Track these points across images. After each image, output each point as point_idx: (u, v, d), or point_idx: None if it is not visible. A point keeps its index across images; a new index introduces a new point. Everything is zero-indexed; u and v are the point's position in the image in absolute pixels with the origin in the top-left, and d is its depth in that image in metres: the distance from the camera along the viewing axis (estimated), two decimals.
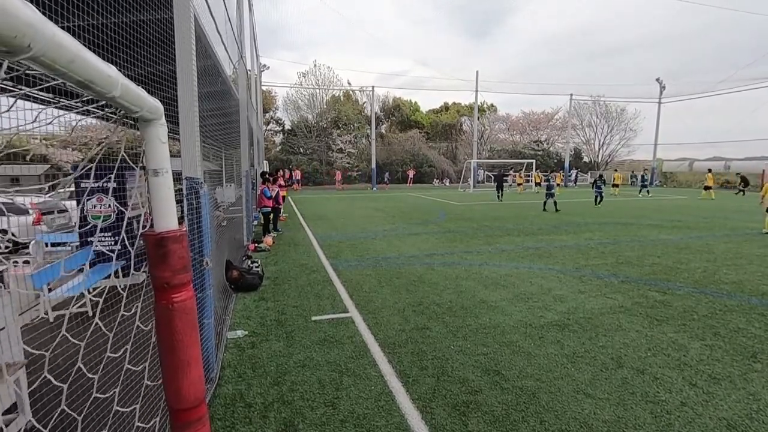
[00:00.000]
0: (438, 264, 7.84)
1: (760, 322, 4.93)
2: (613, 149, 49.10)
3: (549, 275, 7.00)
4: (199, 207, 3.43)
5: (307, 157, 41.37)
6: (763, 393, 3.40)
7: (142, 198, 5.91)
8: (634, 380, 3.60)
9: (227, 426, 3.01)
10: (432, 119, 48.61)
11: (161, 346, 1.71)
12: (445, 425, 3.01)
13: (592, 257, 8.35)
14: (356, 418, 3.09)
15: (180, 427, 1.74)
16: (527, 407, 3.21)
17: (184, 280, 1.74)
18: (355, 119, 43.18)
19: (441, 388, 3.49)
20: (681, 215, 15.73)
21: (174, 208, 1.73)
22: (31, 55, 0.75)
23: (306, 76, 43.35)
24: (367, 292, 6.11)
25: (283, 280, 6.81)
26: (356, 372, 3.78)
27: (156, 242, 1.66)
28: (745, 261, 8.00)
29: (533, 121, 48.64)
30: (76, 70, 0.93)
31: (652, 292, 6.08)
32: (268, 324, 4.94)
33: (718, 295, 5.95)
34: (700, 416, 3.09)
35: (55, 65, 0.85)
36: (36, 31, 0.74)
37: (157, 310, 1.71)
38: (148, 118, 1.56)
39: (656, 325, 4.81)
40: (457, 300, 5.75)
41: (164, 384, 1.73)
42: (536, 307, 5.43)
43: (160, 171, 1.65)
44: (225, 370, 3.82)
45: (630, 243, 9.90)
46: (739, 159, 39.06)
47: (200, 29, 3.88)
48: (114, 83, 1.14)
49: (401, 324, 4.89)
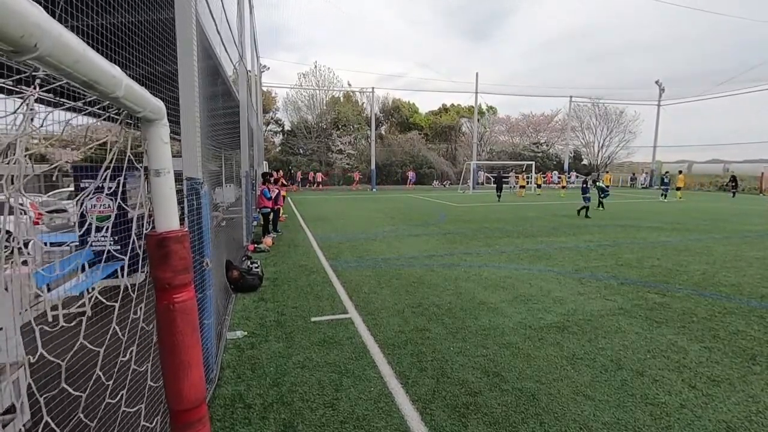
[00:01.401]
0: (438, 265, 7.84)
1: (759, 324, 4.93)
2: (612, 151, 49.23)
3: (548, 277, 7.00)
4: (199, 207, 3.43)
5: (307, 158, 41.39)
6: (762, 395, 3.40)
7: (143, 198, 5.89)
8: (634, 382, 3.60)
9: (226, 427, 3.01)
10: (431, 121, 48.65)
11: (162, 346, 1.71)
12: (445, 427, 3.01)
13: (591, 259, 8.36)
14: (356, 420, 3.09)
15: (180, 428, 1.73)
16: (527, 409, 3.21)
17: (186, 281, 1.75)
18: (354, 120, 43.22)
19: (440, 390, 3.48)
20: (680, 217, 15.75)
21: (176, 209, 1.73)
22: (37, 55, 0.75)
23: (306, 77, 43.50)
24: (366, 293, 6.11)
25: (283, 281, 6.81)
26: (356, 373, 3.77)
27: (157, 243, 1.66)
28: (744, 263, 8.02)
29: (533, 123, 48.71)
30: (81, 70, 0.93)
31: (652, 294, 6.09)
32: (267, 325, 4.94)
33: (718, 297, 5.96)
34: (700, 418, 3.09)
35: (60, 65, 0.85)
36: (43, 31, 0.74)
37: (159, 310, 1.71)
38: (150, 119, 1.56)
39: (655, 327, 4.82)
40: (456, 301, 5.75)
41: (165, 385, 1.73)
42: (536, 309, 5.43)
43: (162, 171, 1.65)
44: (224, 371, 3.81)
45: (629, 245, 9.91)
46: (738, 161, 39.17)
47: (201, 30, 3.89)
48: (118, 83, 1.15)
49: (401, 325, 4.89)
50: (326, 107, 43.72)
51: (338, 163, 41.15)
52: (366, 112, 43.20)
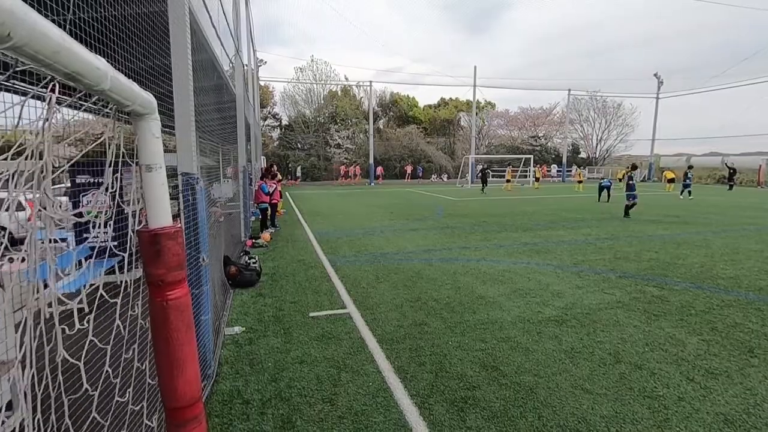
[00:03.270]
0: (436, 260, 7.83)
1: (757, 317, 4.94)
2: (610, 144, 49.20)
3: (547, 271, 7.00)
4: (195, 203, 3.40)
5: (305, 153, 41.24)
6: (760, 388, 3.40)
7: (136, 194, 5.86)
8: (632, 375, 3.60)
9: (224, 423, 3.00)
10: (430, 115, 48.45)
11: (156, 344, 1.69)
12: (444, 421, 3.00)
13: (589, 253, 8.36)
14: (354, 414, 3.08)
15: (176, 425, 1.72)
16: (525, 402, 3.21)
17: (179, 278, 1.72)
18: (352, 114, 43.00)
19: (439, 384, 3.48)
20: (678, 211, 15.76)
21: (168, 205, 1.70)
22: (11, 45, 0.72)
23: (303, 71, 43.15)
24: (365, 288, 6.10)
25: (281, 276, 6.79)
26: (354, 368, 3.77)
27: (150, 239, 1.63)
28: (742, 256, 8.02)
29: (531, 117, 48.57)
30: (62, 61, 0.89)
31: (650, 287, 6.09)
32: (265, 320, 4.93)
33: (716, 290, 5.97)
34: (698, 411, 3.09)
35: (38, 56, 0.81)
36: (16, 19, 0.70)
37: (152, 307, 1.68)
38: (140, 113, 1.52)
39: (654, 321, 4.82)
40: (455, 296, 5.74)
41: (159, 382, 1.71)
42: (534, 303, 5.43)
43: (154, 166, 1.62)
44: (222, 367, 3.80)
45: (627, 238, 9.91)
46: (735, 154, 39.17)
47: (195, 22, 3.83)
48: (103, 76, 1.11)
49: (399, 320, 4.88)
50: (324, 101, 43.48)
51: (336, 157, 41.02)
52: (364, 107, 42.98)
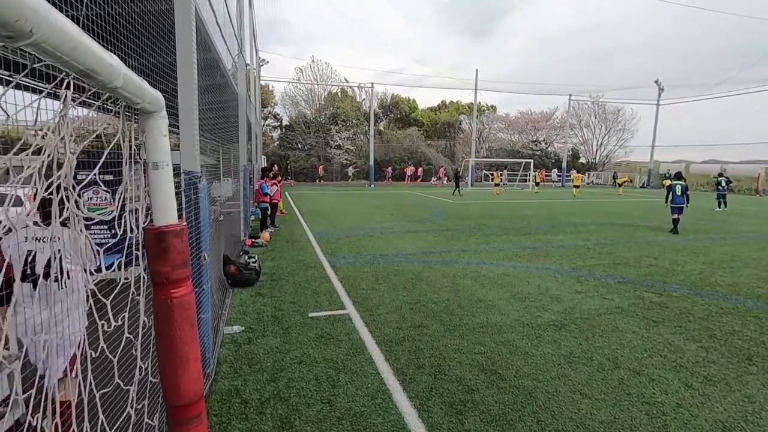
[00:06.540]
0: (435, 262, 7.84)
1: (755, 324, 4.95)
2: (610, 150, 49.30)
3: (546, 275, 7.01)
4: (197, 201, 3.40)
5: (305, 153, 41.22)
6: (758, 395, 3.41)
7: (139, 191, 5.85)
8: (631, 381, 3.60)
9: (223, 422, 2.99)
10: (431, 117, 48.50)
11: (160, 342, 1.69)
12: (442, 424, 3.00)
13: (589, 258, 8.38)
14: (353, 416, 3.08)
15: (178, 423, 1.72)
16: (524, 407, 3.21)
17: (184, 275, 1.72)
18: (353, 116, 43.02)
19: (438, 387, 3.48)
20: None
21: (174, 202, 1.70)
22: (32, 41, 0.72)
23: (304, 71, 43.18)
24: (364, 290, 6.10)
25: (280, 276, 6.79)
26: (353, 369, 3.77)
27: (156, 236, 1.63)
28: (740, 264, 8.05)
29: (532, 121, 48.66)
30: (79, 58, 0.90)
31: (649, 293, 6.10)
32: (264, 320, 4.92)
33: (714, 297, 5.98)
34: (696, 418, 3.10)
35: (56, 52, 0.82)
36: (39, 16, 0.71)
37: (156, 305, 1.68)
38: (148, 110, 1.53)
39: (652, 327, 4.83)
40: (454, 298, 5.75)
41: (162, 380, 1.70)
42: (533, 307, 5.43)
43: (161, 164, 1.62)
44: (221, 366, 3.80)
45: (627, 244, 9.93)
46: (734, 162, 39.31)
47: (200, 21, 3.84)
48: (116, 73, 1.12)
49: (398, 322, 4.88)
50: (324, 102, 43.49)
51: (337, 158, 41.01)
52: (365, 108, 43.00)
